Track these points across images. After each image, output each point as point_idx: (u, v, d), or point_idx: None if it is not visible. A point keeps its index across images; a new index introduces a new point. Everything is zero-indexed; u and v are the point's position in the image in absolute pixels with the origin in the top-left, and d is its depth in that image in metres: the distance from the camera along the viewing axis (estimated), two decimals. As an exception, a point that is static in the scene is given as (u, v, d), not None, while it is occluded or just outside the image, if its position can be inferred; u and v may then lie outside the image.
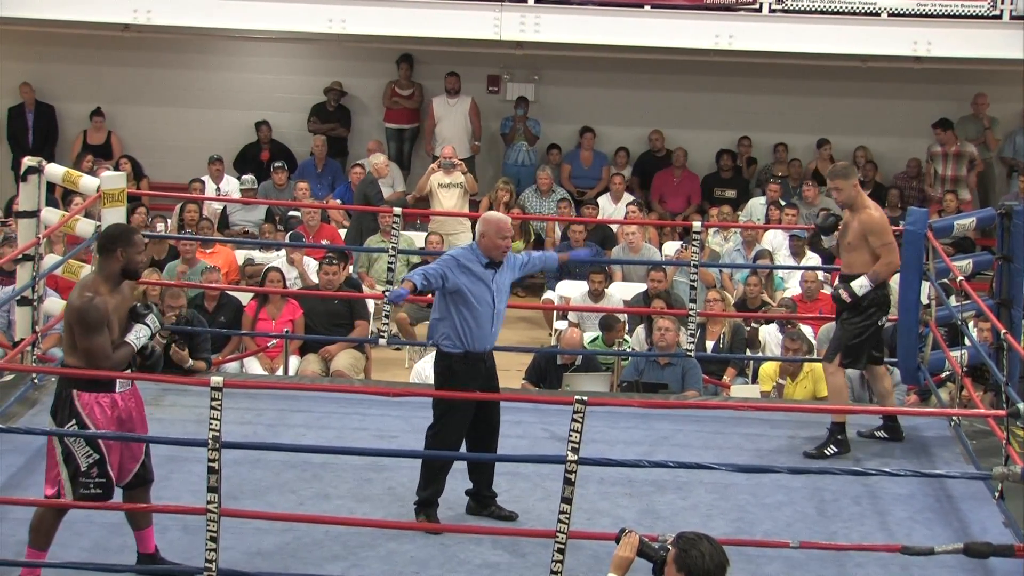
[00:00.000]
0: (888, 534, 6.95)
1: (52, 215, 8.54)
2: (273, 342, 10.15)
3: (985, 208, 10.96)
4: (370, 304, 10.64)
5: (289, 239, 12.09)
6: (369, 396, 8.26)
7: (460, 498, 7.03)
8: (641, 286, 11.35)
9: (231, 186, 13.51)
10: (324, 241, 12.03)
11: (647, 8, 12.88)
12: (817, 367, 9.11)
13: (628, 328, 10.77)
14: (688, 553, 4.27)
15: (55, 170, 8.60)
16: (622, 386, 9.59)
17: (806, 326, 10.32)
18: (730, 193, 14.07)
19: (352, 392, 8.58)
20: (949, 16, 12.67)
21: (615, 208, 13.37)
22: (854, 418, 8.20)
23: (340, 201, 13.29)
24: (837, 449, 7.87)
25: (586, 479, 6.82)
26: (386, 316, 9.11)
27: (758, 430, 8.31)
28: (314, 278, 11.12)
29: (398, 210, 9.34)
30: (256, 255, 12.16)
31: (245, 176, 13.45)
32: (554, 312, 11.65)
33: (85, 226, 8.57)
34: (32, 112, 14.47)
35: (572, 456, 5.97)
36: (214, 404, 5.96)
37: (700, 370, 9.57)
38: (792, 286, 11.61)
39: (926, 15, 12.70)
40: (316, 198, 13.37)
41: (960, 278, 8.25)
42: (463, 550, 6.61)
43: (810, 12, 12.76)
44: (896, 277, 8.33)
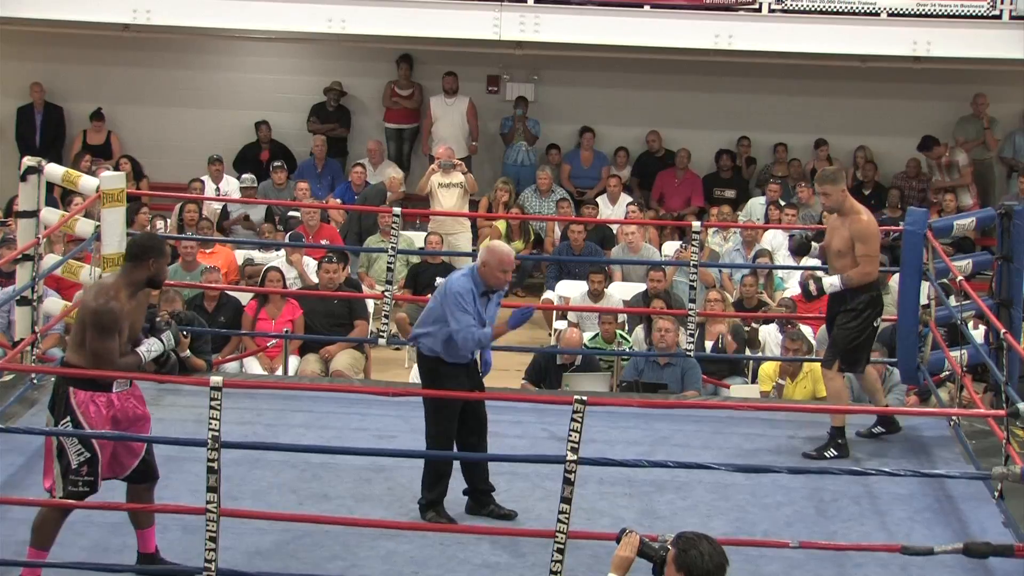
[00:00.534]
0: (888, 534, 6.94)
1: (52, 215, 8.52)
2: (273, 342, 10.15)
3: (985, 208, 10.95)
4: (370, 304, 10.64)
5: (289, 239, 12.09)
6: (369, 396, 8.26)
7: (459, 498, 7.03)
8: (641, 286, 11.35)
9: (231, 186, 13.50)
10: (324, 241, 12.03)
11: (646, 8, 12.88)
12: (817, 367, 9.10)
13: (628, 328, 10.79)
14: (688, 553, 4.27)
15: (55, 170, 8.58)
16: (622, 386, 9.59)
17: (806, 326, 10.31)
18: (729, 193, 14.07)
19: (352, 392, 8.58)
20: (949, 16, 12.67)
21: (612, 210, 13.38)
22: (853, 420, 8.19)
23: (340, 201, 13.29)
24: (837, 453, 7.84)
25: (586, 479, 6.82)
26: (385, 316, 9.12)
27: (758, 430, 8.30)
28: (314, 278, 11.11)
29: (397, 210, 9.34)
30: (256, 255, 12.16)
31: (244, 175, 13.45)
32: (554, 312, 11.66)
33: (85, 226, 8.56)
34: (40, 113, 14.47)
35: (572, 456, 5.98)
36: (214, 404, 5.96)
37: (700, 370, 9.57)
38: (792, 286, 11.59)
39: (926, 15, 12.69)
40: (316, 198, 13.36)
41: (960, 278, 8.24)
42: (462, 550, 6.62)
43: (809, 12, 12.76)
44: (896, 277, 8.32)
